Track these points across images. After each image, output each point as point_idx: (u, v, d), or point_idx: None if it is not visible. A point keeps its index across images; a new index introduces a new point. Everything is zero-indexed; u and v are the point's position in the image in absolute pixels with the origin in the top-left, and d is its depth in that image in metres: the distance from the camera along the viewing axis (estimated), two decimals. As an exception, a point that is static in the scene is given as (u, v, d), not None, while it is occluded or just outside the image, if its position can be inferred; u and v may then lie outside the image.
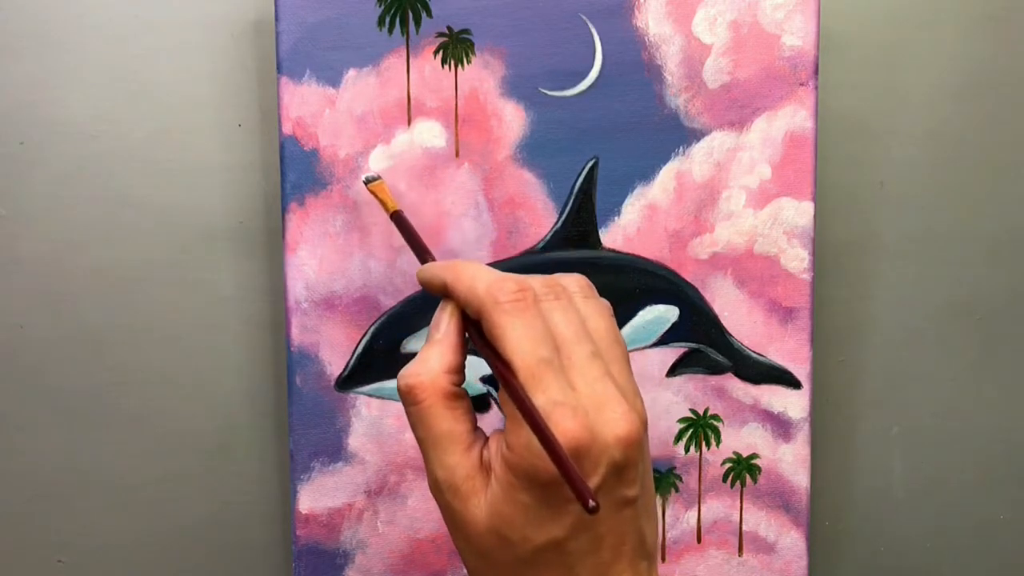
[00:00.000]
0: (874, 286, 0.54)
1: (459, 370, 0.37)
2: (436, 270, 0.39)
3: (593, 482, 0.34)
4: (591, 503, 0.32)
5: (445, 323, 0.38)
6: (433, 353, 0.37)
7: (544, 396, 0.34)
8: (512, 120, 0.48)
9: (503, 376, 0.35)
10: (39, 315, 0.51)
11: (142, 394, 0.51)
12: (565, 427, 0.33)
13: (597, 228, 0.49)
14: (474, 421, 0.37)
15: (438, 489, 0.37)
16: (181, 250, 0.51)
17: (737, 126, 0.49)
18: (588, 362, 0.35)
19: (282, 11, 0.46)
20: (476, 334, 0.37)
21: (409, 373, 0.37)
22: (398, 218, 0.45)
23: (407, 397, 0.37)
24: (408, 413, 0.37)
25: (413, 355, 0.48)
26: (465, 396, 0.37)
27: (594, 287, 0.39)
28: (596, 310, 0.38)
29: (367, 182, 0.47)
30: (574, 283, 0.38)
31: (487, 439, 0.37)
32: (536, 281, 0.37)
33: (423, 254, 0.43)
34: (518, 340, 0.35)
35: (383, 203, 0.46)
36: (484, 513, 0.35)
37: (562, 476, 0.33)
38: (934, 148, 0.54)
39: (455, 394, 0.37)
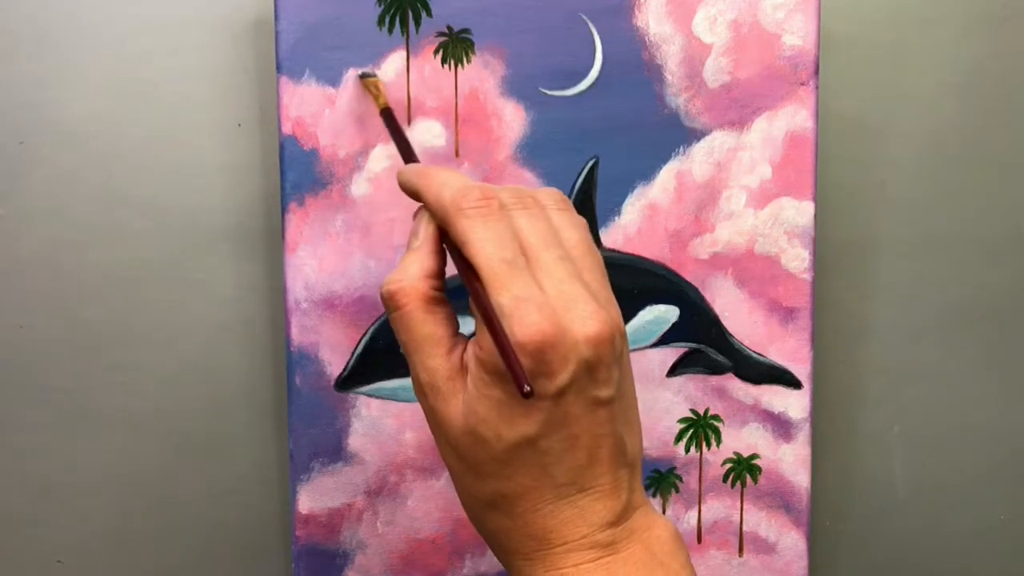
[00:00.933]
0: (874, 286, 0.54)
1: (439, 275, 0.38)
2: (410, 175, 0.39)
3: (562, 378, 0.34)
4: (525, 387, 0.32)
5: (422, 230, 0.38)
6: (412, 259, 0.38)
7: (507, 294, 0.34)
8: (512, 120, 0.48)
9: (469, 280, 0.36)
10: (39, 315, 0.51)
11: (142, 394, 0.51)
12: (530, 320, 0.34)
13: (597, 228, 0.49)
14: (456, 325, 0.38)
15: (422, 392, 0.37)
16: (181, 250, 0.51)
17: (737, 126, 0.49)
18: (556, 264, 0.35)
19: (282, 11, 0.46)
20: (447, 241, 0.38)
21: (390, 280, 0.37)
22: (388, 115, 0.45)
23: (389, 303, 0.37)
24: (391, 319, 0.37)
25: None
26: (446, 302, 0.38)
27: (570, 202, 0.39)
28: (570, 222, 0.38)
29: (363, 76, 0.46)
30: (547, 196, 0.38)
31: (467, 342, 0.37)
32: (506, 191, 0.37)
33: (408, 155, 0.43)
34: (480, 243, 0.35)
35: (375, 98, 0.45)
36: (460, 412, 0.36)
37: (502, 359, 0.33)
38: (934, 148, 0.53)
39: (435, 299, 0.37)
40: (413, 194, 0.39)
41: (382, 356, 0.49)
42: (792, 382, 0.50)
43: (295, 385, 0.48)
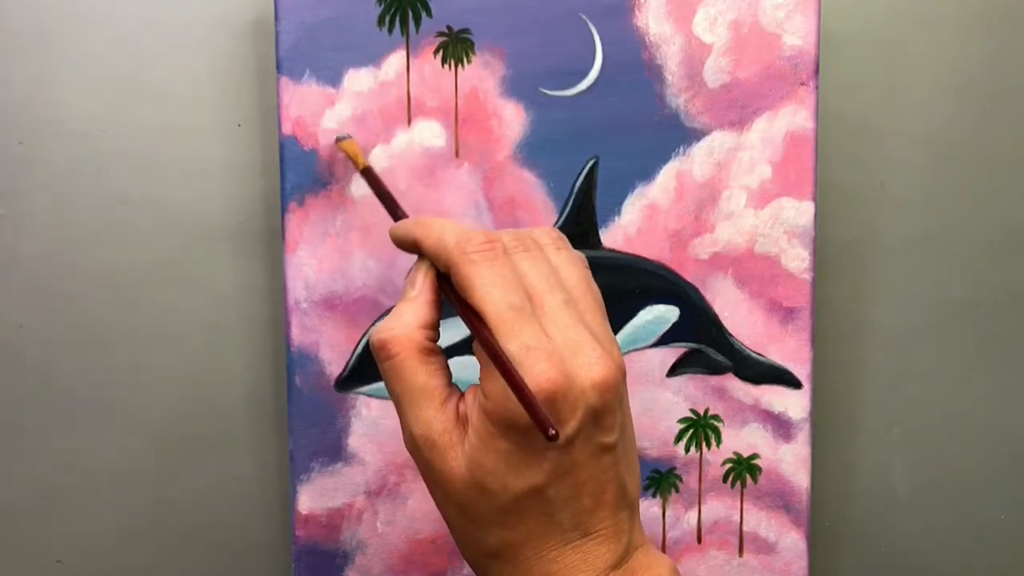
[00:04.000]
0: (874, 286, 0.54)
1: (434, 326, 0.37)
2: (407, 227, 0.39)
3: (570, 427, 0.34)
4: (551, 431, 0.32)
5: (420, 280, 0.38)
6: (407, 308, 0.37)
7: (516, 341, 0.34)
8: (512, 120, 0.48)
9: (473, 325, 0.35)
10: (39, 315, 0.51)
11: (142, 394, 0.51)
12: (539, 370, 0.33)
13: (597, 228, 0.49)
14: (449, 376, 0.37)
15: (415, 445, 0.36)
16: (181, 250, 0.51)
17: (737, 126, 0.49)
18: (561, 310, 0.35)
19: (282, 11, 0.46)
20: (448, 288, 0.37)
21: (382, 328, 0.37)
22: (369, 175, 0.45)
23: (380, 352, 0.37)
24: (382, 369, 0.37)
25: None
26: (440, 352, 0.37)
27: (566, 239, 0.38)
28: (569, 260, 0.38)
29: (338, 140, 0.46)
30: (545, 235, 0.38)
31: (463, 394, 0.37)
32: (506, 234, 0.37)
33: (395, 211, 0.43)
34: (487, 288, 0.35)
35: (353, 160, 0.45)
36: (463, 465, 0.35)
37: (523, 406, 0.33)
38: (934, 148, 0.53)
39: (429, 349, 0.37)
40: (411, 246, 0.39)
41: (382, 356, 0.49)
42: (792, 382, 0.50)
43: (295, 385, 0.48)
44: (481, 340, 0.35)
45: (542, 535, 0.35)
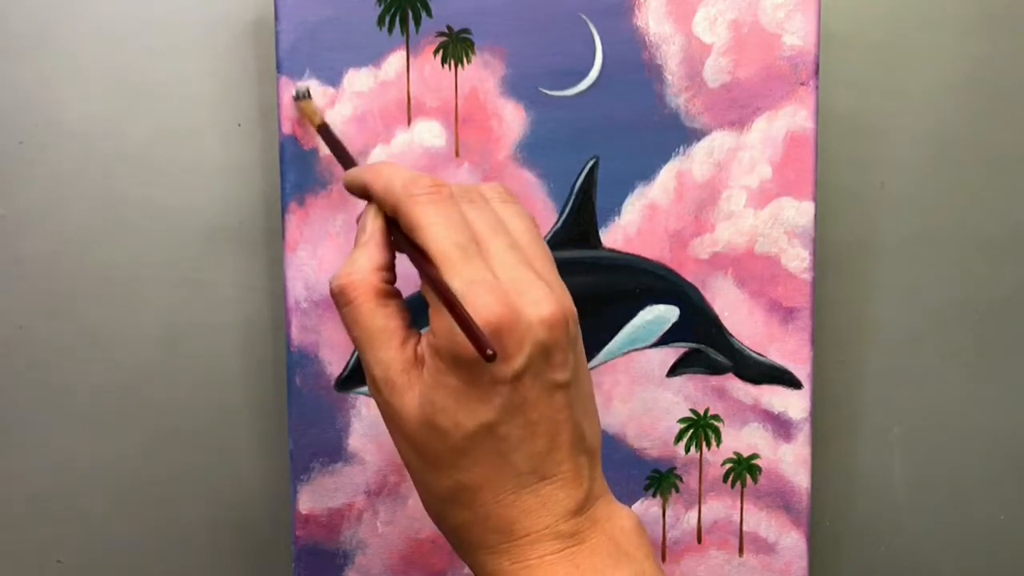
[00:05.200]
0: (874, 286, 0.54)
1: (388, 267, 0.38)
2: (357, 172, 0.39)
3: (518, 361, 0.34)
4: (488, 351, 0.32)
5: (370, 224, 0.38)
6: (361, 254, 0.37)
7: (460, 278, 0.34)
8: (512, 120, 0.48)
9: (419, 264, 0.36)
10: (39, 315, 0.51)
11: (142, 394, 0.51)
12: (483, 302, 0.34)
13: (597, 228, 0.49)
14: (408, 318, 0.37)
15: (375, 387, 0.37)
16: (181, 250, 0.51)
17: (737, 126, 0.49)
18: (506, 251, 0.36)
19: (282, 11, 0.46)
20: (395, 230, 0.37)
21: (339, 274, 0.37)
22: (324, 130, 0.45)
23: (339, 298, 0.37)
24: (342, 315, 0.37)
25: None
26: (397, 294, 0.38)
27: (515, 196, 0.39)
28: (516, 213, 0.38)
29: (297, 98, 0.46)
30: (491, 190, 0.38)
31: (420, 336, 0.37)
32: (452, 186, 0.37)
33: (348, 162, 0.43)
34: (432, 227, 0.35)
35: (309, 118, 0.46)
36: (416, 404, 0.35)
37: (464, 333, 0.33)
38: (934, 148, 0.53)
39: (386, 292, 0.37)
40: (360, 190, 0.39)
41: (382, 356, 0.49)
42: (792, 382, 0.50)
43: (295, 385, 0.48)
44: (426, 277, 0.35)
45: (498, 478, 0.35)
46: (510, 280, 0.35)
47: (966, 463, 0.55)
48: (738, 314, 0.50)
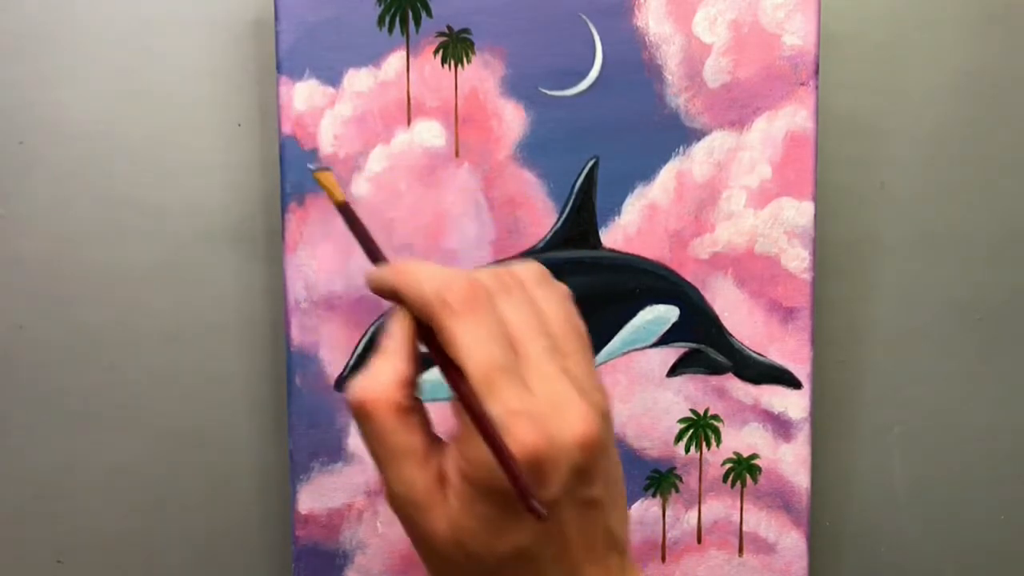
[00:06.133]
0: (874, 286, 0.54)
1: (412, 382, 0.36)
2: (384, 275, 0.37)
3: (554, 488, 0.33)
4: (542, 512, 0.32)
5: (396, 331, 0.36)
6: (384, 365, 0.35)
7: (500, 405, 0.33)
8: (512, 120, 0.48)
9: (455, 384, 0.34)
10: (39, 315, 0.51)
11: (141, 394, 0.51)
12: (523, 437, 0.32)
13: (597, 228, 0.49)
14: (429, 428, 0.36)
15: (397, 504, 0.35)
16: (181, 250, 0.51)
17: (737, 126, 0.49)
18: (544, 358, 0.34)
19: (282, 11, 0.46)
20: (428, 340, 0.35)
21: (359, 387, 0.35)
22: (346, 211, 0.41)
23: (357, 411, 0.35)
24: (359, 428, 0.35)
25: (413, 355, 0.48)
26: (419, 407, 0.36)
27: (549, 273, 0.37)
28: (552, 298, 0.36)
29: (314, 172, 0.43)
30: (527, 272, 0.37)
31: (443, 448, 0.36)
32: (487, 275, 0.35)
33: (373, 252, 0.40)
34: (470, 345, 0.33)
35: (329, 192, 0.42)
36: (445, 525, 0.34)
37: (511, 483, 0.32)
38: (934, 148, 0.53)
39: (408, 407, 0.35)
40: (390, 294, 0.37)
41: (382, 356, 0.49)
42: (792, 382, 0.50)
43: (295, 385, 0.48)
44: (464, 402, 0.34)
45: None
46: (548, 397, 0.33)
47: (966, 463, 0.55)
48: (738, 314, 0.50)
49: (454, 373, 0.34)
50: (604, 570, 0.35)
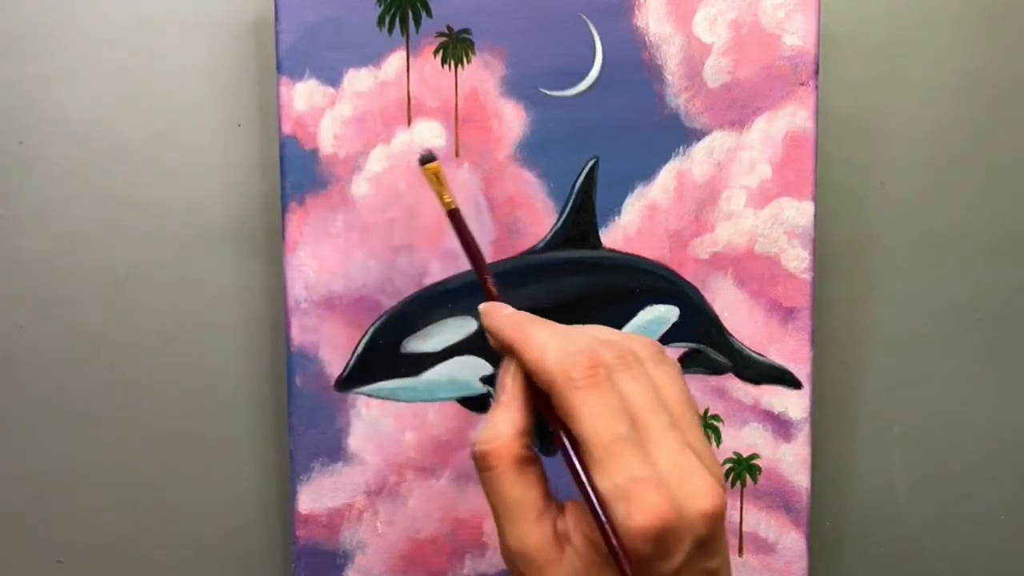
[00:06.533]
0: (874, 286, 0.54)
1: (529, 432, 0.36)
2: (504, 329, 0.37)
3: (677, 559, 0.33)
4: None
5: (511, 385, 0.37)
6: (503, 417, 0.36)
7: (625, 474, 0.33)
8: (512, 120, 0.48)
9: (571, 459, 0.34)
10: (39, 315, 0.51)
11: (142, 394, 0.51)
12: (650, 504, 0.33)
13: (597, 228, 0.49)
14: (547, 486, 0.36)
15: (510, 557, 0.36)
16: (181, 250, 0.51)
17: (737, 126, 0.49)
18: (666, 434, 0.34)
19: (282, 11, 0.46)
20: (546, 406, 0.36)
21: (482, 439, 0.36)
22: (456, 218, 0.40)
23: (481, 463, 0.36)
24: (481, 479, 0.36)
25: (413, 355, 0.48)
26: (537, 460, 0.37)
27: (664, 349, 0.37)
28: (668, 375, 0.36)
29: (423, 162, 0.40)
30: (644, 349, 0.37)
31: (562, 507, 0.36)
32: (608, 352, 0.36)
33: (481, 271, 0.40)
34: (592, 419, 0.34)
35: (438, 194, 0.40)
36: None
37: (612, 560, 0.33)
38: (934, 148, 0.53)
39: (528, 458, 0.36)
40: (504, 348, 0.37)
41: (382, 356, 0.49)
42: (792, 382, 0.50)
43: (295, 385, 0.48)
44: (576, 481, 0.34)
45: None
46: (672, 469, 0.34)
47: (966, 463, 0.55)
48: (738, 314, 0.50)
49: (571, 448, 0.35)
50: None
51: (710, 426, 0.50)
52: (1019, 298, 0.55)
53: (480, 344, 0.47)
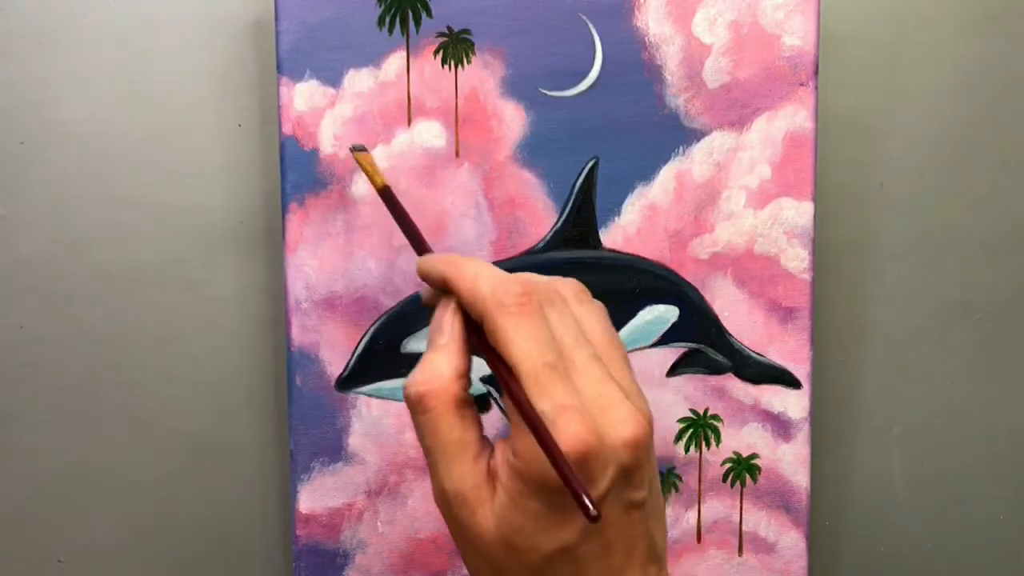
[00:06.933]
0: (874, 286, 0.54)
1: (467, 374, 0.36)
2: (437, 265, 0.38)
3: (601, 486, 0.33)
4: (593, 512, 0.32)
5: (449, 325, 0.37)
6: (441, 358, 0.36)
7: (550, 401, 0.33)
8: (512, 120, 0.48)
9: (506, 381, 0.35)
10: (39, 315, 0.51)
11: (142, 394, 0.51)
12: (572, 431, 0.33)
13: (597, 228, 0.49)
14: (482, 428, 0.37)
15: (445, 501, 0.36)
16: (181, 250, 0.51)
17: (737, 126, 0.49)
18: (590, 365, 0.35)
19: (282, 11, 0.46)
20: (479, 337, 0.36)
21: (418, 381, 0.36)
22: (387, 195, 0.42)
23: (417, 406, 0.36)
24: (417, 422, 0.36)
25: (413, 355, 0.48)
26: (473, 402, 0.37)
27: (588, 291, 0.38)
28: (592, 313, 0.37)
29: (353, 150, 0.44)
30: (568, 289, 0.37)
31: (492, 448, 0.36)
32: (534, 285, 0.36)
33: (416, 239, 0.41)
34: (523, 344, 0.34)
35: (369, 176, 0.43)
36: (492, 523, 0.35)
37: (564, 485, 0.32)
38: (934, 148, 0.54)
39: (465, 400, 0.36)
40: (439, 283, 0.37)
41: (382, 356, 0.49)
42: (792, 382, 0.50)
43: (295, 385, 0.48)
44: (513, 398, 0.34)
45: None
46: (595, 398, 0.34)
47: (966, 463, 0.56)
48: (738, 314, 0.50)
49: (505, 370, 0.35)
50: None
51: (710, 426, 0.50)
52: (1019, 298, 0.55)
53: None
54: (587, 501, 0.32)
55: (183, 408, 0.52)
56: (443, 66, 0.48)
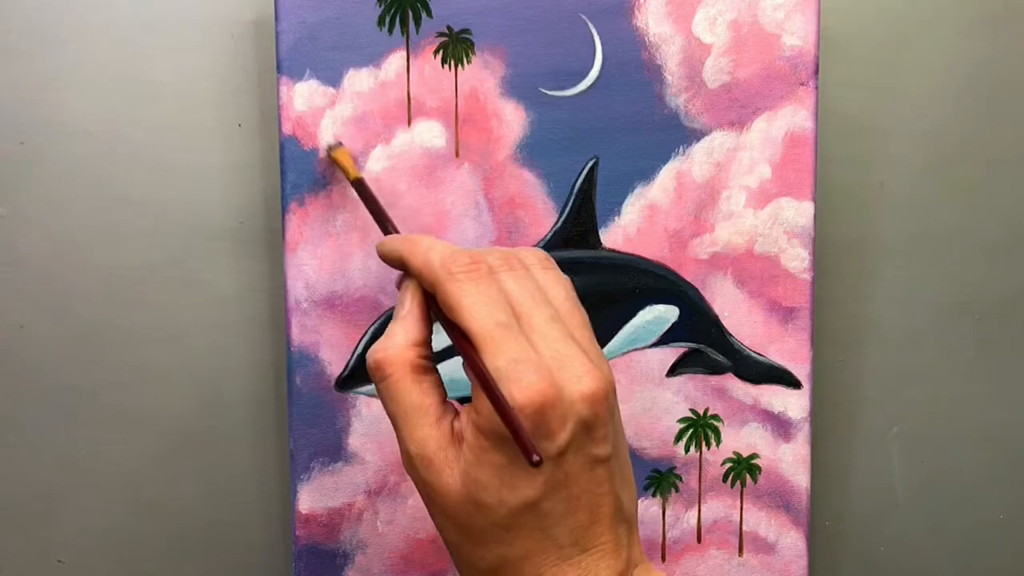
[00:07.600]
0: (874, 286, 0.54)
1: (425, 343, 0.38)
2: (395, 243, 0.39)
3: (561, 438, 0.34)
4: (534, 457, 0.32)
5: (408, 300, 0.38)
6: (399, 328, 0.38)
7: (504, 357, 0.34)
8: (512, 120, 0.48)
9: (462, 346, 0.36)
10: (39, 315, 0.51)
11: (142, 394, 0.51)
12: (527, 382, 0.34)
13: (597, 228, 0.49)
14: (443, 394, 0.38)
15: (411, 464, 0.37)
16: (181, 250, 0.51)
17: (737, 126, 0.49)
18: (548, 324, 0.36)
19: (282, 11, 0.46)
20: (435, 307, 0.38)
21: (377, 348, 0.37)
22: (360, 186, 0.44)
23: (376, 372, 0.37)
24: (378, 389, 0.38)
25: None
26: (433, 370, 0.38)
27: (552, 260, 0.39)
28: (555, 279, 0.38)
29: (330, 149, 0.46)
30: (531, 255, 0.39)
31: (457, 412, 0.37)
32: (492, 254, 0.37)
33: (385, 224, 0.43)
34: (472, 307, 0.35)
35: (344, 171, 0.45)
36: (458, 481, 0.36)
37: (508, 429, 0.33)
38: (934, 148, 0.54)
39: (423, 367, 0.37)
40: (397, 262, 0.39)
41: (382, 356, 0.49)
42: (792, 382, 0.50)
43: (295, 385, 0.48)
44: (467, 359, 0.35)
45: (539, 551, 0.35)
46: (552, 355, 0.35)
47: (965, 463, 0.56)
48: (738, 314, 0.50)
49: (459, 336, 0.36)
50: (613, 537, 0.36)
51: (710, 426, 0.50)
52: (1019, 298, 0.55)
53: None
54: (526, 442, 0.33)
55: (183, 408, 0.52)
56: (443, 66, 0.48)
